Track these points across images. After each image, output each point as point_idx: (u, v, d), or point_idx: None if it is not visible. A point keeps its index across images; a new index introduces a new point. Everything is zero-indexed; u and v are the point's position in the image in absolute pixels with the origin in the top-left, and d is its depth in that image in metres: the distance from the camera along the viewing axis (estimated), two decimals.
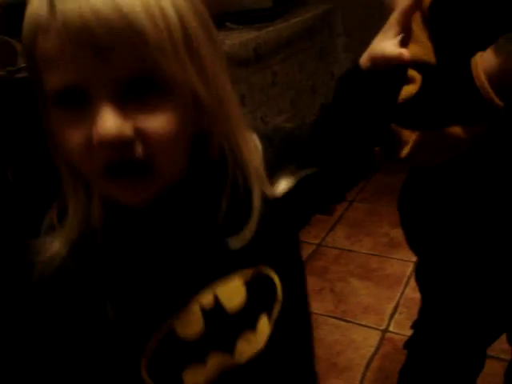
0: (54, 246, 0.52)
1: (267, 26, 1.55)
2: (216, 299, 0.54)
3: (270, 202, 0.56)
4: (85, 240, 0.52)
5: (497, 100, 0.64)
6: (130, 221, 0.53)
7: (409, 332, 1.04)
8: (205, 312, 0.54)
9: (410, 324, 1.03)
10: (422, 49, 0.75)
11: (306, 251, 2.00)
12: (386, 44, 0.55)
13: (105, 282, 0.53)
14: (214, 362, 0.56)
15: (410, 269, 1.78)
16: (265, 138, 0.59)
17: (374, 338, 1.53)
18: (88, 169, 0.48)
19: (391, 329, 1.56)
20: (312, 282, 1.82)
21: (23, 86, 0.56)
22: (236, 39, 1.39)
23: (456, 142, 0.73)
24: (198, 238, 0.55)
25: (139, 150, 0.46)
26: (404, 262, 1.82)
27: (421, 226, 0.92)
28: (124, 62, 0.44)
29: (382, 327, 1.57)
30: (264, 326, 0.57)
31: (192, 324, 0.54)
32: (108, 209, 0.52)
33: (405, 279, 1.75)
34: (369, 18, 2.27)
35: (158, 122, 0.47)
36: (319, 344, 1.51)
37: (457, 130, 0.72)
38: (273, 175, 0.57)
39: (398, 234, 1.02)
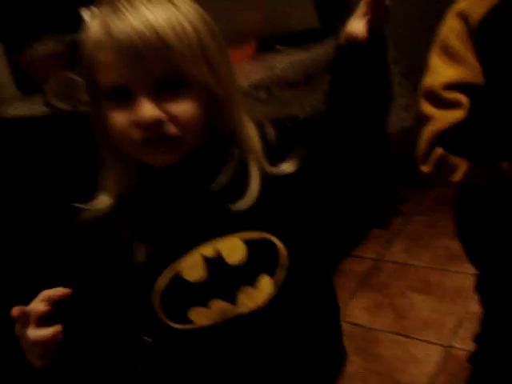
0: (101, 199, 0.71)
1: (315, 46, 1.57)
2: (218, 252, 0.68)
3: (271, 178, 0.70)
4: (122, 197, 0.71)
5: None
6: (157, 179, 0.70)
7: (472, 347, 1.02)
8: (208, 260, 0.68)
9: (472, 338, 1.01)
10: (468, 70, 0.74)
11: (364, 266, 1.99)
12: (355, 23, 0.66)
13: (131, 227, 0.70)
14: (217, 307, 0.68)
15: (470, 282, 1.72)
16: (280, 124, 0.73)
17: (436, 353, 1.50)
18: (129, 142, 0.65)
19: (454, 344, 1.52)
20: (371, 298, 1.81)
21: (87, 119, 0.71)
22: (286, 62, 1.42)
23: (506, 176, 0.72)
24: (205, 197, 0.69)
25: (172, 129, 0.64)
26: (465, 274, 1.77)
27: (479, 239, 0.91)
28: (158, 68, 0.62)
29: (445, 342, 1.54)
30: (265, 285, 0.69)
31: (196, 269, 0.68)
32: (141, 172, 0.70)
33: (466, 292, 1.71)
34: (416, 29, 2.26)
35: (184, 109, 0.65)
36: (380, 360, 1.50)
37: (505, 166, 0.71)
38: (283, 156, 0.71)
39: (457, 246, 1.01)
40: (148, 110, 0.63)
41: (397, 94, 1.90)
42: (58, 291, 0.64)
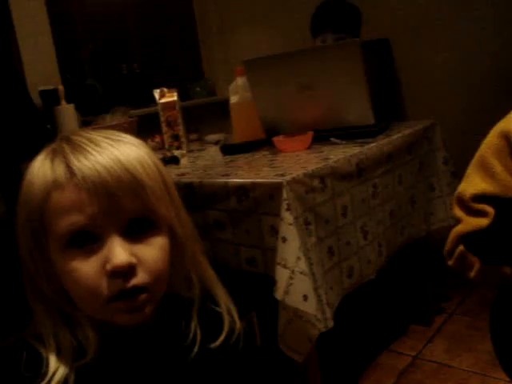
0: (54, 367, 0.60)
1: (369, 141, 1.64)
2: None
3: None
4: (81, 365, 0.61)
5: None
6: (121, 343, 0.63)
7: None
8: None
9: None
10: (499, 186, 0.81)
11: (401, 363, 1.95)
12: None
13: None
14: None
15: None
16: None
17: None
18: (93, 298, 0.58)
19: None
20: None
21: None
22: (340, 154, 1.49)
23: (508, 280, 0.80)
24: (182, 357, 0.66)
25: (142, 276, 0.59)
26: (508, 383, 1.71)
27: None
28: (128, 206, 0.58)
29: None
30: None
31: None
32: (101, 335, 0.62)
33: None
34: (467, 132, 2.33)
35: (152, 251, 0.60)
36: None
37: (507, 269, 0.80)
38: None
39: None
40: (121, 253, 0.57)
41: (445, 193, 1.94)
42: None
